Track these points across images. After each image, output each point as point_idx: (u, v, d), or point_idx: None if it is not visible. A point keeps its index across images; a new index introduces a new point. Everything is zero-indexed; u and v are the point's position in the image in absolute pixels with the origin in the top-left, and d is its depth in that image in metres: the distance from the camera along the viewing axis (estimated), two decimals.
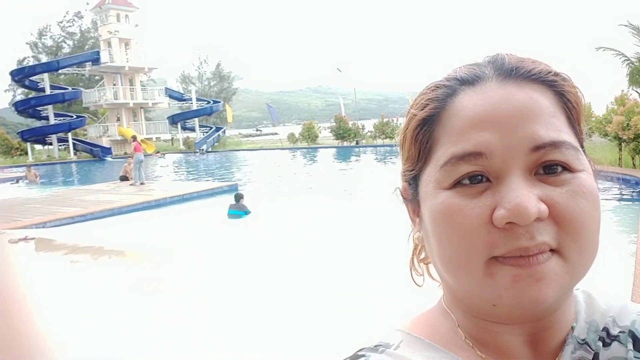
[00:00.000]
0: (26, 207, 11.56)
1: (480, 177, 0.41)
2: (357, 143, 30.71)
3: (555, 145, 0.40)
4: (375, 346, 0.47)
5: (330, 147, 30.77)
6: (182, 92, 44.35)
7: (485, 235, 0.39)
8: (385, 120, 29.74)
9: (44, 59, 49.26)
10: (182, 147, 36.79)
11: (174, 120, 38.40)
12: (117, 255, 6.66)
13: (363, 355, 0.46)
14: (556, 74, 0.44)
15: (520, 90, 0.42)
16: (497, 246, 0.39)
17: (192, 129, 38.40)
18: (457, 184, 0.41)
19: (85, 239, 7.87)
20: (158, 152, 34.16)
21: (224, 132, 39.73)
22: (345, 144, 31.07)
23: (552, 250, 0.39)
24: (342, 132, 30.96)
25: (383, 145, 28.44)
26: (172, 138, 40.41)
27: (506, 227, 0.38)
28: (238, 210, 9.52)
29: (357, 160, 23.20)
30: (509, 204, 0.38)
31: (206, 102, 40.25)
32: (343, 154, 26.29)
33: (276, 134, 50.49)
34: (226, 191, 13.01)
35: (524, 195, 0.38)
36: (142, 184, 14.59)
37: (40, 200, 12.81)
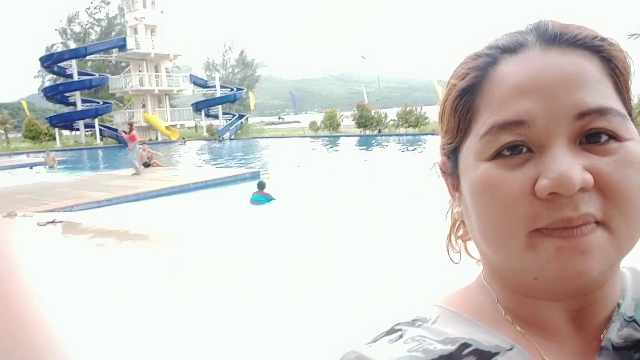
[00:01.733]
0: (54, 191, 11.82)
1: (521, 148, 0.39)
2: (379, 132, 30.47)
3: (601, 112, 0.39)
4: (413, 320, 0.46)
5: (353, 136, 30.61)
6: (206, 79, 44.59)
7: (528, 207, 0.38)
8: (408, 108, 29.41)
9: (72, 45, 50.14)
10: (205, 134, 37.08)
11: (197, 107, 38.70)
12: (141, 239, 6.75)
13: (400, 330, 0.45)
14: (602, 39, 0.42)
15: (564, 57, 0.40)
16: (540, 217, 0.38)
17: (216, 116, 38.66)
18: (498, 155, 0.40)
19: (111, 222, 8.00)
20: (181, 139, 34.50)
21: (246, 119, 39.89)
22: (368, 132, 30.87)
23: (597, 222, 0.38)
24: (365, 121, 30.74)
25: (406, 135, 28.15)
26: (196, 125, 40.75)
27: (549, 197, 0.37)
28: (261, 196, 9.56)
29: (380, 148, 23.03)
30: (552, 174, 0.37)
31: (229, 90, 40.42)
32: (365, 143, 26.12)
33: (298, 122, 50.45)
34: (248, 178, 13.08)
35: (568, 165, 0.37)
36: (138, 174, 14.09)
37: (68, 184, 13.10)
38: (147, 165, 16.28)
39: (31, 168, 20.69)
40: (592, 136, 0.39)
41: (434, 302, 0.49)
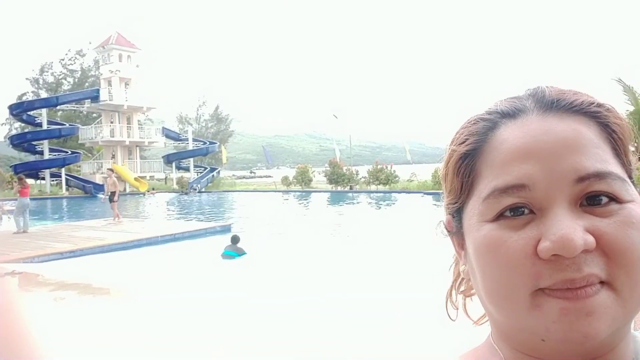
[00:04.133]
0: (15, 241, 11.32)
1: (523, 209, 0.40)
2: (351, 188, 30.78)
3: (600, 176, 0.39)
4: None
5: (324, 192, 30.78)
6: (179, 132, 44.68)
7: (530, 267, 0.38)
8: (379, 166, 29.97)
9: (44, 94, 49.76)
10: (175, 186, 36.69)
11: (169, 159, 38.46)
12: (103, 293, 6.47)
13: None
14: (599, 105, 0.43)
15: (561, 122, 0.42)
16: (543, 278, 0.38)
17: (187, 169, 38.45)
18: (500, 216, 0.41)
19: (73, 275, 7.66)
20: (150, 190, 34.00)
21: (218, 172, 39.77)
22: (340, 188, 31.14)
23: (602, 283, 0.38)
24: (336, 177, 31.08)
25: (377, 192, 28.49)
26: (166, 177, 40.35)
27: (552, 258, 0.37)
28: (233, 251, 9.38)
29: (351, 204, 23.17)
30: (554, 236, 0.37)
31: (202, 143, 40.50)
32: (337, 198, 26.27)
33: (270, 176, 50.61)
34: (219, 231, 12.86)
35: (569, 227, 0.37)
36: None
37: (30, 234, 12.58)
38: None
39: None
40: (592, 198, 0.39)
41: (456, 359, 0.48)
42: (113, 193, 15.43)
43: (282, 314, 5.08)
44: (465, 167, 0.45)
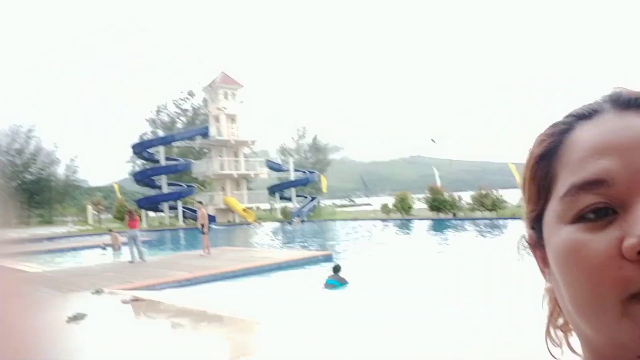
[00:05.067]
0: (138, 270, 12.42)
1: (606, 211, 0.37)
2: (454, 215, 29.69)
3: None
4: None
5: (426, 219, 30.00)
6: (280, 163, 46.53)
7: (617, 271, 0.35)
8: (484, 191, 28.64)
9: (161, 133, 54.76)
10: (279, 216, 38.00)
11: (272, 190, 40.13)
12: (216, 320, 6.82)
13: None
14: None
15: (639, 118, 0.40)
16: (633, 281, 0.34)
17: (289, 199, 39.75)
18: (580, 218, 0.38)
19: (190, 302, 8.19)
20: (257, 221, 35.53)
21: (318, 202, 40.62)
22: (442, 215, 30.18)
23: None
24: (438, 204, 30.20)
25: (483, 219, 27.17)
26: (271, 207, 42.00)
27: (639, 258, 0.34)
28: (336, 280, 9.46)
29: (455, 232, 22.31)
30: (638, 231, 0.34)
31: (302, 173, 41.77)
32: (439, 227, 25.45)
33: (369, 204, 50.54)
34: (321, 260, 13.04)
35: None
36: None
37: (151, 263, 13.73)
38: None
39: (104, 248, 21.25)
40: None
41: None
42: (203, 225, 15.62)
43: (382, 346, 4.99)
44: (542, 170, 0.44)
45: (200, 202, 18.02)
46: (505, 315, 6.29)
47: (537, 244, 0.45)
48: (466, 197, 30.14)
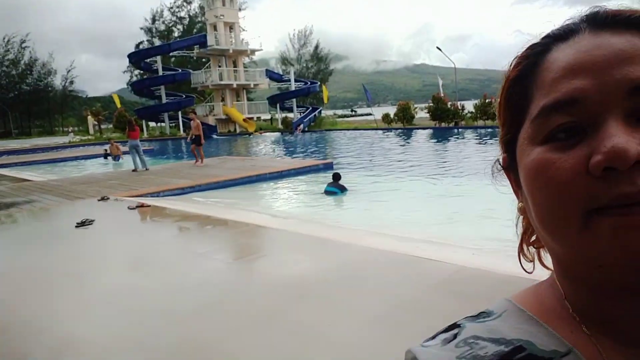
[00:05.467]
0: (141, 178, 12.64)
1: (576, 130, 0.38)
2: (456, 124, 29.59)
3: None
4: (478, 314, 0.47)
5: (427, 128, 29.95)
6: (281, 73, 45.48)
7: (583, 187, 0.36)
8: (487, 100, 28.28)
9: (157, 43, 53.00)
10: (280, 126, 37.91)
11: (273, 100, 39.65)
12: (221, 224, 7.06)
13: (458, 326, 0.46)
14: None
15: (616, 36, 0.39)
16: (596, 196, 0.35)
17: (290, 109, 39.40)
18: (551, 138, 0.39)
19: (194, 208, 8.43)
20: (258, 131, 35.49)
21: (319, 112, 40.29)
22: (443, 125, 30.08)
23: None
24: (440, 113, 29.97)
25: (484, 127, 27.11)
26: (272, 117, 41.77)
27: (604, 174, 0.35)
28: (336, 188, 9.65)
29: (456, 141, 22.36)
30: (605, 148, 0.35)
31: (304, 83, 40.99)
32: (440, 136, 25.47)
33: (371, 114, 50.17)
34: (321, 169, 13.23)
35: (622, 137, 0.35)
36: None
37: (154, 172, 13.93)
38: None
39: (106, 157, 21.56)
40: None
41: (507, 297, 0.48)
42: (197, 136, 15.13)
43: (382, 250, 5.21)
44: (516, 94, 0.44)
45: (194, 112, 17.26)
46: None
47: (510, 166, 0.46)
48: (469, 106, 29.85)
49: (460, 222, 7.15)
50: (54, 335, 3.50)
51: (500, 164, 0.49)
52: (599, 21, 0.41)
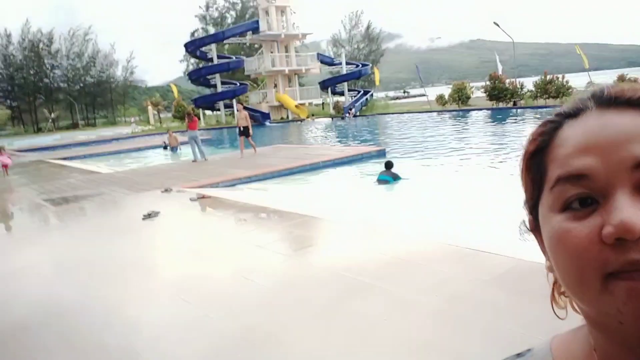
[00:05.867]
0: (201, 168, 13.15)
1: (589, 201, 0.43)
2: (514, 104, 28.47)
3: None
4: (520, 353, 0.54)
5: (484, 109, 29.02)
6: (332, 56, 45.38)
7: (597, 253, 0.41)
8: (548, 77, 27.00)
9: (211, 30, 54.16)
10: (332, 111, 37.93)
11: (324, 85, 39.67)
12: (278, 215, 7.28)
13: None
14: None
15: (620, 116, 0.44)
16: (610, 262, 0.40)
17: (342, 93, 39.30)
18: (567, 208, 0.44)
19: (252, 198, 8.72)
20: (310, 117, 35.70)
21: (371, 95, 39.94)
22: (501, 105, 29.03)
23: None
24: (498, 93, 28.93)
25: (545, 107, 25.94)
26: (323, 102, 41.84)
27: (616, 243, 0.40)
28: (388, 176, 9.65)
29: (515, 123, 21.57)
30: (614, 221, 0.40)
31: (355, 66, 40.70)
32: (498, 117, 24.62)
33: (424, 95, 49.15)
34: (374, 156, 13.23)
35: (629, 211, 0.39)
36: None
37: (213, 162, 14.43)
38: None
39: (165, 148, 22.15)
40: None
41: (552, 337, 0.55)
42: (246, 128, 15.11)
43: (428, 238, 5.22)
44: (534, 164, 0.49)
45: (240, 103, 17.19)
46: None
47: (536, 228, 0.51)
48: (529, 84, 28.58)
49: (520, 214, 6.99)
50: (122, 318, 3.81)
51: (526, 226, 0.53)
52: (604, 101, 0.46)
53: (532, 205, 0.51)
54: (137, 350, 3.39)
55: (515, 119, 23.00)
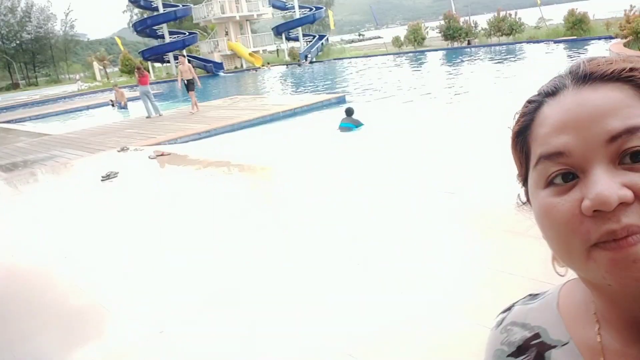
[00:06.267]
0: (156, 125, 12.73)
1: (571, 175, 0.46)
2: (469, 43, 28.60)
3: (630, 131, 0.43)
4: (532, 296, 0.61)
5: (439, 50, 29.05)
6: (284, 0, 43.81)
7: (579, 225, 0.44)
8: (501, 15, 27.09)
9: None
10: (287, 58, 37.05)
11: (278, 31, 38.47)
12: (241, 169, 7.20)
13: (509, 310, 0.62)
14: (632, 69, 0.47)
15: (595, 92, 0.46)
16: (591, 233, 0.43)
17: (296, 39, 38.30)
18: (550, 183, 0.47)
19: (213, 153, 8.55)
20: (265, 65, 34.78)
21: (327, 40, 39.13)
22: (456, 44, 29.11)
23: None
24: (452, 32, 28.91)
25: (499, 44, 26.17)
26: (277, 49, 40.74)
27: (595, 214, 0.43)
28: (350, 123, 9.63)
29: (469, 61, 21.75)
30: (591, 194, 0.42)
31: (309, 10, 39.50)
32: (453, 56, 24.73)
33: (380, 37, 48.54)
34: (334, 104, 13.13)
35: (604, 184, 0.42)
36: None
37: (168, 117, 13.98)
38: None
39: (113, 105, 21.27)
40: (635, 156, 0.44)
41: (565, 281, 0.59)
42: (190, 81, 14.19)
43: (397, 184, 5.31)
44: (520, 144, 0.52)
45: (183, 55, 16.25)
46: None
47: (529, 199, 0.53)
48: (483, 22, 28.65)
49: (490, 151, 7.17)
50: (91, 280, 3.76)
51: (520, 200, 0.56)
52: (580, 78, 0.48)
53: (524, 179, 0.54)
54: (107, 309, 3.36)
55: (469, 57, 23.17)
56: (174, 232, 4.82)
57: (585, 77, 0.48)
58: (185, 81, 14.31)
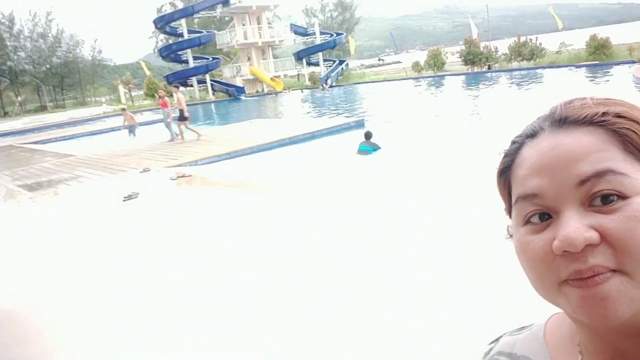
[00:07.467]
0: (177, 147, 12.95)
1: (546, 215, 0.48)
2: (489, 67, 28.59)
3: (598, 175, 0.46)
4: (519, 328, 0.64)
5: (459, 74, 29.08)
6: (305, 26, 44.67)
7: (552, 262, 0.46)
8: (522, 39, 27.10)
9: (180, 5, 52.54)
10: (307, 82, 37.51)
11: (299, 56, 39.09)
12: (259, 191, 7.25)
13: (496, 341, 0.65)
14: (605, 114, 0.49)
15: (568, 136, 0.49)
16: (561, 270, 0.46)
17: (317, 64, 38.81)
18: (528, 221, 0.49)
19: (233, 175, 8.65)
20: (285, 89, 35.26)
21: (346, 65, 39.58)
22: (476, 69, 29.13)
23: (613, 271, 0.44)
24: (472, 57, 28.97)
25: (519, 69, 26.10)
26: (298, 74, 41.31)
27: (565, 253, 0.45)
28: (368, 146, 9.66)
29: (489, 86, 21.69)
30: (560, 235, 0.45)
31: (329, 36, 40.13)
32: (473, 81, 24.71)
33: (399, 62, 48.91)
34: (353, 127, 13.19)
35: (572, 227, 0.44)
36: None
37: (190, 140, 14.23)
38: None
39: (130, 131, 21.24)
40: (606, 198, 0.45)
41: (552, 315, 0.61)
42: (181, 111, 14.04)
43: (414, 207, 5.28)
44: (503, 181, 0.56)
45: (177, 86, 15.70)
46: None
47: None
48: (503, 47, 28.66)
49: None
50: (111, 301, 3.79)
51: (508, 233, 0.57)
52: (555, 122, 0.51)
53: (509, 214, 0.56)
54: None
55: (491, 82, 23.12)
56: (193, 252, 4.85)
57: (561, 120, 0.50)
58: (179, 111, 14.19)
